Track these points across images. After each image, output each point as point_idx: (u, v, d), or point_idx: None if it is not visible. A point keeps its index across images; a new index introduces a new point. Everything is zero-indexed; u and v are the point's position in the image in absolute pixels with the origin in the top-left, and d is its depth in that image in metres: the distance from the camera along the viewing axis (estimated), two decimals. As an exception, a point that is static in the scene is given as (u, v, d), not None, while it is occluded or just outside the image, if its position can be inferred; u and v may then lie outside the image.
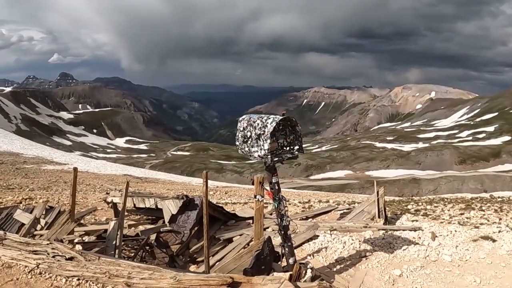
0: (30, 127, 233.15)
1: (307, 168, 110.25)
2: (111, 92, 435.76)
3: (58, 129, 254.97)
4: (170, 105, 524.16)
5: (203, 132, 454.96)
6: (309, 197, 27.76)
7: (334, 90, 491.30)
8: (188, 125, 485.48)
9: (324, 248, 9.89)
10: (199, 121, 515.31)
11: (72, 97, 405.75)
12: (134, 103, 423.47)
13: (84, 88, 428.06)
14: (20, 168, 32.31)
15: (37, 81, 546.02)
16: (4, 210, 12.43)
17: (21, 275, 6.81)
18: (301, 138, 6.79)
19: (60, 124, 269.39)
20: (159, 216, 12.39)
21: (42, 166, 37.08)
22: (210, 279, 5.77)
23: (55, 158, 47.47)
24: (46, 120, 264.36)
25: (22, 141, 72.66)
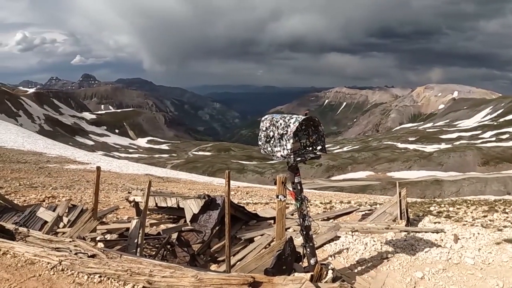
0: (53, 127, 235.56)
1: (328, 169, 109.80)
2: (133, 93, 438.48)
3: (80, 129, 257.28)
4: (192, 105, 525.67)
5: (225, 133, 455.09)
6: (330, 198, 27.61)
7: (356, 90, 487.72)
8: (210, 125, 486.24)
9: (345, 249, 9.83)
10: (220, 122, 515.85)
11: (95, 98, 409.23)
12: (156, 104, 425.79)
13: (106, 89, 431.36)
14: (43, 167, 32.61)
15: (60, 82, 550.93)
16: (27, 208, 12.57)
17: (43, 271, 6.86)
18: (324, 138, 6.75)
19: (83, 124, 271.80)
20: (180, 216, 12.43)
21: (65, 165, 37.40)
22: (232, 278, 5.76)
23: (77, 158, 47.85)
24: (69, 120, 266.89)
25: (45, 141, 73.33)
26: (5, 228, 8.45)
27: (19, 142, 56.06)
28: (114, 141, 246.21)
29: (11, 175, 25.16)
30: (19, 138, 61.54)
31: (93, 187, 22.55)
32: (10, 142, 53.40)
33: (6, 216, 11.75)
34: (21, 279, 6.65)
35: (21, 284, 6.47)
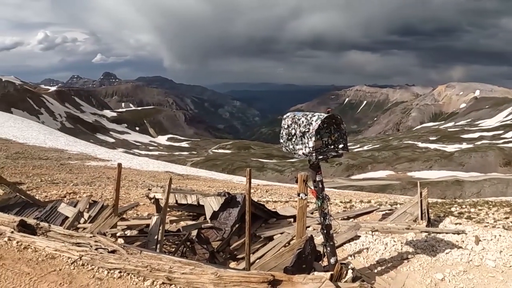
0: (74, 125, 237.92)
1: (348, 168, 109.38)
2: (153, 91, 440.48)
3: (101, 127, 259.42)
4: (212, 103, 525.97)
5: (245, 131, 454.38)
6: (350, 197, 27.48)
7: (376, 88, 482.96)
8: (230, 123, 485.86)
9: (365, 249, 9.77)
10: (240, 120, 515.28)
11: (115, 95, 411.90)
12: (176, 102, 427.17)
13: (127, 87, 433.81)
14: (64, 164, 32.90)
15: (81, 81, 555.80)
16: (49, 203, 12.69)
17: (64, 266, 6.90)
18: (346, 136, 6.72)
19: (104, 122, 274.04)
20: (200, 213, 12.45)
21: (86, 162, 37.70)
22: (251, 276, 5.75)
23: (98, 155, 48.18)
24: (90, 118, 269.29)
25: (67, 138, 73.97)
26: (26, 223, 8.52)
27: (41, 139, 56.60)
28: (134, 139, 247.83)
29: (33, 171, 25.40)
30: (41, 135, 62.15)
31: (113, 183, 22.68)
32: (32, 139, 53.94)
33: (27, 211, 11.87)
34: (42, 273, 6.69)
35: (41, 278, 6.51)
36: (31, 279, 6.48)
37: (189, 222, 12.11)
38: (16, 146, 42.38)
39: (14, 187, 13.28)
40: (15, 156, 33.34)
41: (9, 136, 52.80)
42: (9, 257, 7.31)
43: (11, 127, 66.38)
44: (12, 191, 12.89)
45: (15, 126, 68.55)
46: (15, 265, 6.96)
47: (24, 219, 8.75)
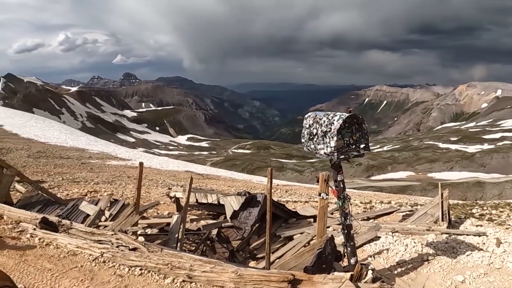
0: (95, 125, 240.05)
1: (368, 168, 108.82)
2: (173, 91, 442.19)
3: (122, 127, 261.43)
4: (231, 103, 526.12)
5: (264, 130, 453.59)
6: (370, 197, 27.33)
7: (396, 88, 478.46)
8: (249, 123, 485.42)
9: (385, 250, 9.72)
10: (260, 120, 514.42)
11: (136, 96, 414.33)
12: (196, 102, 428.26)
13: (147, 87, 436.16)
14: (85, 163, 33.14)
15: (101, 81, 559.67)
16: (70, 201, 12.80)
17: (85, 262, 6.98)
18: (368, 136, 6.68)
19: (124, 122, 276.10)
20: (220, 212, 12.48)
21: (107, 161, 37.93)
22: (271, 275, 5.76)
23: (119, 154, 48.44)
24: (111, 118, 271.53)
25: (88, 137, 74.53)
26: (48, 220, 8.61)
27: (62, 138, 57.11)
28: (154, 138, 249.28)
29: (54, 170, 25.61)
30: (62, 135, 62.70)
31: (134, 182, 22.86)
32: (53, 138, 54.44)
33: (49, 209, 11.98)
34: (63, 270, 6.77)
35: (63, 274, 6.59)
36: (53, 275, 6.56)
37: (210, 221, 12.12)
38: (38, 145, 42.80)
39: (36, 185, 13.40)
40: (37, 155, 33.67)
41: (31, 135, 53.35)
42: (31, 253, 7.41)
43: (33, 126, 67.08)
44: (34, 189, 13.02)
45: (36, 126, 69.26)
46: (37, 261, 7.05)
47: (46, 216, 8.85)
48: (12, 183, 13.12)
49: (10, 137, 49.17)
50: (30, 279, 6.49)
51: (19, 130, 57.37)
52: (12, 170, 12.28)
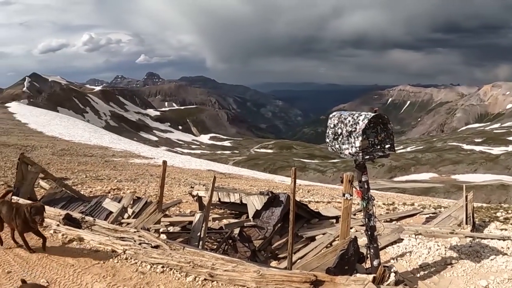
0: (118, 123, 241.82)
1: (391, 169, 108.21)
2: (196, 90, 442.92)
3: (145, 125, 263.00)
4: (254, 103, 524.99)
5: (287, 130, 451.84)
6: (392, 199, 27.12)
7: (420, 88, 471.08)
8: (272, 123, 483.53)
9: (408, 252, 9.60)
10: (282, 119, 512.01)
11: (159, 95, 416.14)
12: (219, 101, 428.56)
13: (170, 87, 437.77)
14: (108, 161, 33.41)
15: (125, 81, 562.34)
16: (93, 198, 12.90)
17: (107, 259, 7.01)
18: (393, 137, 6.59)
19: (147, 121, 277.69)
20: (242, 211, 12.45)
21: (130, 159, 38.20)
22: (294, 276, 5.73)
23: (142, 153, 48.79)
24: (134, 116, 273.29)
25: (111, 136, 75.28)
26: (72, 216, 8.67)
27: (86, 136, 57.73)
28: (177, 137, 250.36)
29: (78, 168, 25.86)
30: (86, 133, 63.45)
31: (156, 181, 22.95)
32: (77, 136, 55.06)
33: (73, 206, 12.08)
34: (86, 265, 6.81)
35: (85, 270, 6.63)
36: (75, 271, 6.61)
37: (232, 220, 12.11)
38: (62, 143, 43.30)
39: (60, 182, 13.54)
40: (61, 152, 34.02)
41: (56, 133, 54.01)
42: (55, 248, 7.48)
43: (57, 125, 67.96)
44: (58, 186, 13.14)
45: (61, 124, 70.15)
46: (60, 257, 7.12)
47: (69, 212, 8.91)
48: (37, 180, 13.27)
49: (35, 135, 49.82)
50: (53, 274, 6.54)
51: (44, 128, 58.10)
52: (37, 167, 12.41)
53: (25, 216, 7.08)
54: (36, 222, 7.08)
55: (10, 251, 7.51)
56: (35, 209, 7.03)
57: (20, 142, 36.72)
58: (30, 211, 7.00)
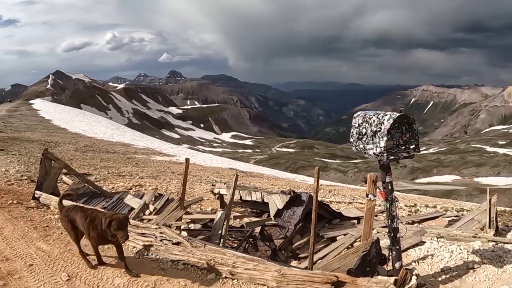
0: (141, 121, 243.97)
1: (413, 171, 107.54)
2: (218, 89, 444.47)
3: (167, 123, 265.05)
4: (276, 102, 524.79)
5: (309, 130, 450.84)
6: (414, 201, 26.92)
7: (443, 88, 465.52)
8: (294, 122, 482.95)
9: (430, 255, 9.47)
10: (304, 119, 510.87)
11: (181, 93, 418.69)
12: (241, 100, 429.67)
13: (192, 85, 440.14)
14: (131, 158, 33.61)
15: (147, 79, 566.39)
16: (115, 194, 12.98)
17: (128, 254, 7.09)
18: (418, 137, 6.50)
19: (169, 119, 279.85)
20: (263, 210, 12.44)
21: (152, 156, 38.40)
22: (315, 276, 5.70)
23: (163, 150, 49.01)
24: (156, 114, 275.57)
25: (133, 133, 75.81)
26: (94, 212, 8.73)
27: (109, 133, 58.21)
28: (199, 135, 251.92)
29: (101, 164, 26.04)
30: (108, 130, 63.99)
31: (178, 178, 23.04)
32: (100, 133, 55.54)
33: (95, 201, 12.15)
34: (107, 260, 6.86)
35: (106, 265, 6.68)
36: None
37: (253, 218, 12.12)
38: (85, 139, 43.67)
39: (82, 177, 13.63)
40: (83, 149, 34.32)
41: (79, 130, 54.55)
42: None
43: (80, 122, 68.69)
44: (80, 182, 13.24)
45: (84, 121, 70.90)
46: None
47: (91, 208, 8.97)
48: (60, 175, 13.38)
49: (59, 131, 50.35)
50: (74, 268, 6.61)
51: (67, 125, 58.75)
52: (60, 162, 12.52)
53: (102, 228, 6.31)
54: (117, 237, 6.23)
55: (32, 244, 7.59)
56: (117, 222, 6.21)
57: (44, 138, 37.09)
58: (110, 224, 6.20)
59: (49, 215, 9.61)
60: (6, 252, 7.16)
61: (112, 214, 6.44)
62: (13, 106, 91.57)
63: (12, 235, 8.03)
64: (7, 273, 6.33)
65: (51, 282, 6.09)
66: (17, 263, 6.71)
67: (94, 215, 6.57)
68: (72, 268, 6.57)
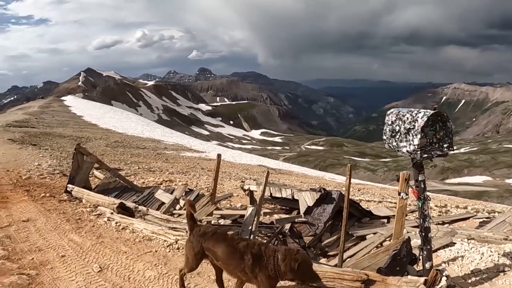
0: (170, 117, 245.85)
1: (443, 171, 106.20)
2: (247, 86, 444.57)
3: (196, 120, 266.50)
4: (306, 99, 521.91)
5: (338, 127, 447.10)
6: (444, 201, 26.60)
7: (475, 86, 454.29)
8: (323, 119, 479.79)
9: (460, 257, 9.33)
10: (334, 116, 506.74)
11: (211, 90, 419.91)
12: (270, 97, 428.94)
13: (222, 82, 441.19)
14: (160, 154, 33.83)
15: (177, 76, 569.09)
16: (146, 189, 13.11)
17: (160, 248, 7.15)
18: (452, 135, 6.41)
19: (199, 115, 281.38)
20: (293, 207, 12.41)
21: (181, 152, 38.59)
22: (345, 273, 5.71)
23: (193, 146, 49.25)
24: (186, 111, 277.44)
25: (163, 129, 76.40)
26: (125, 205, 8.83)
27: (139, 129, 58.78)
28: (228, 132, 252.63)
29: (131, 159, 26.28)
30: (138, 126, 64.66)
31: (207, 174, 23.15)
32: (130, 129, 56.10)
33: (126, 195, 12.29)
34: (138, 253, 6.96)
35: (138, 258, 6.77)
36: (128, 258, 6.77)
37: (283, 215, 12.10)
38: (115, 135, 44.14)
39: (114, 172, 13.79)
40: (114, 144, 34.68)
41: (109, 126, 55.22)
42: (108, 236, 7.66)
43: (111, 118, 69.55)
44: (112, 176, 13.40)
45: (115, 117, 71.76)
46: (113, 244, 7.29)
47: (123, 202, 9.08)
48: (91, 169, 13.58)
49: (90, 127, 51.04)
50: (106, 260, 6.69)
51: (98, 121, 59.52)
52: (92, 157, 12.71)
53: (275, 268, 4.98)
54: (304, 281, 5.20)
55: (65, 236, 7.72)
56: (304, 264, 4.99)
57: (75, 134, 37.59)
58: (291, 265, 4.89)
59: (81, 208, 9.75)
60: (39, 243, 7.31)
61: (295, 253, 5.03)
62: (45, 102, 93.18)
63: (45, 227, 8.18)
64: (40, 263, 6.45)
65: (82, 273, 6.18)
66: (49, 254, 6.84)
67: (260, 250, 5.14)
68: (103, 260, 6.66)
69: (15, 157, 18.19)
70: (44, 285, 5.76)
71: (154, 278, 6.14)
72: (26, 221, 8.48)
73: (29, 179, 13.46)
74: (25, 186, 12.07)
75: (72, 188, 11.17)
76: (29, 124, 40.80)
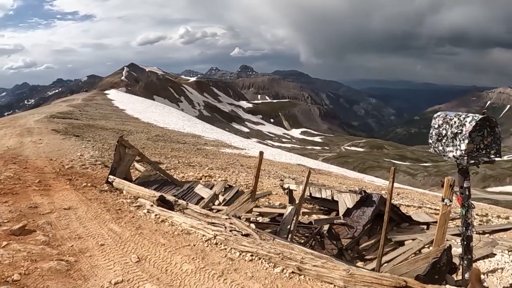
0: (211, 113, 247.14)
1: (485, 179, 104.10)
2: (289, 84, 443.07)
3: (237, 117, 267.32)
4: (347, 99, 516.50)
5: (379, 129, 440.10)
6: (485, 210, 26.02)
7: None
8: (364, 120, 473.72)
9: (500, 269, 9.12)
10: (375, 118, 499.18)
11: (252, 88, 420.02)
12: (311, 96, 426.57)
13: (263, 80, 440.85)
14: (200, 149, 34.04)
15: (219, 73, 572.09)
16: (186, 183, 13.22)
17: (198, 242, 7.16)
18: (500, 142, 6.24)
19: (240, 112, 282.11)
20: (332, 208, 12.34)
21: (221, 149, 38.76)
22: (384, 279, 5.62)
23: (233, 143, 49.43)
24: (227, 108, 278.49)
25: (204, 125, 76.91)
26: (165, 198, 8.90)
27: (180, 124, 59.31)
28: (268, 130, 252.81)
29: (171, 153, 26.50)
30: (180, 121, 65.25)
31: (247, 171, 23.19)
32: (172, 124, 56.66)
33: (166, 189, 12.41)
34: (176, 246, 6.98)
35: (176, 251, 6.80)
36: (166, 250, 6.80)
37: (321, 216, 12.04)
38: (156, 129, 44.65)
39: (154, 165, 13.94)
40: (155, 138, 35.06)
41: (151, 120, 55.92)
42: (147, 227, 7.72)
43: (153, 112, 70.46)
44: (152, 169, 13.54)
45: (156, 112, 72.67)
46: (152, 235, 7.34)
47: (163, 195, 9.15)
48: (133, 162, 13.74)
49: (132, 120, 51.78)
50: (144, 251, 6.74)
51: (140, 115, 60.34)
52: (134, 150, 12.86)
53: None
54: None
55: (105, 225, 7.82)
56: None
57: (117, 127, 38.12)
58: None
59: (122, 199, 9.85)
60: (79, 231, 7.41)
61: None
62: (89, 95, 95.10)
63: (86, 216, 8.30)
64: (79, 250, 6.54)
65: (120, 262, 6.23)
66: (89, 242, 6.92)
67: None
68: (142, 251, 6.71)
69: (58, 147, 18.56)
70: (82, 272, 5.82)
71: (191, 272, 6.14)
72: (67, 209, 8.62)
73: (71, 168, 13.71)
74: (67, 175, 12.27)
75: (113, 179, 11.30)
76: (72, 116, 41.58)
